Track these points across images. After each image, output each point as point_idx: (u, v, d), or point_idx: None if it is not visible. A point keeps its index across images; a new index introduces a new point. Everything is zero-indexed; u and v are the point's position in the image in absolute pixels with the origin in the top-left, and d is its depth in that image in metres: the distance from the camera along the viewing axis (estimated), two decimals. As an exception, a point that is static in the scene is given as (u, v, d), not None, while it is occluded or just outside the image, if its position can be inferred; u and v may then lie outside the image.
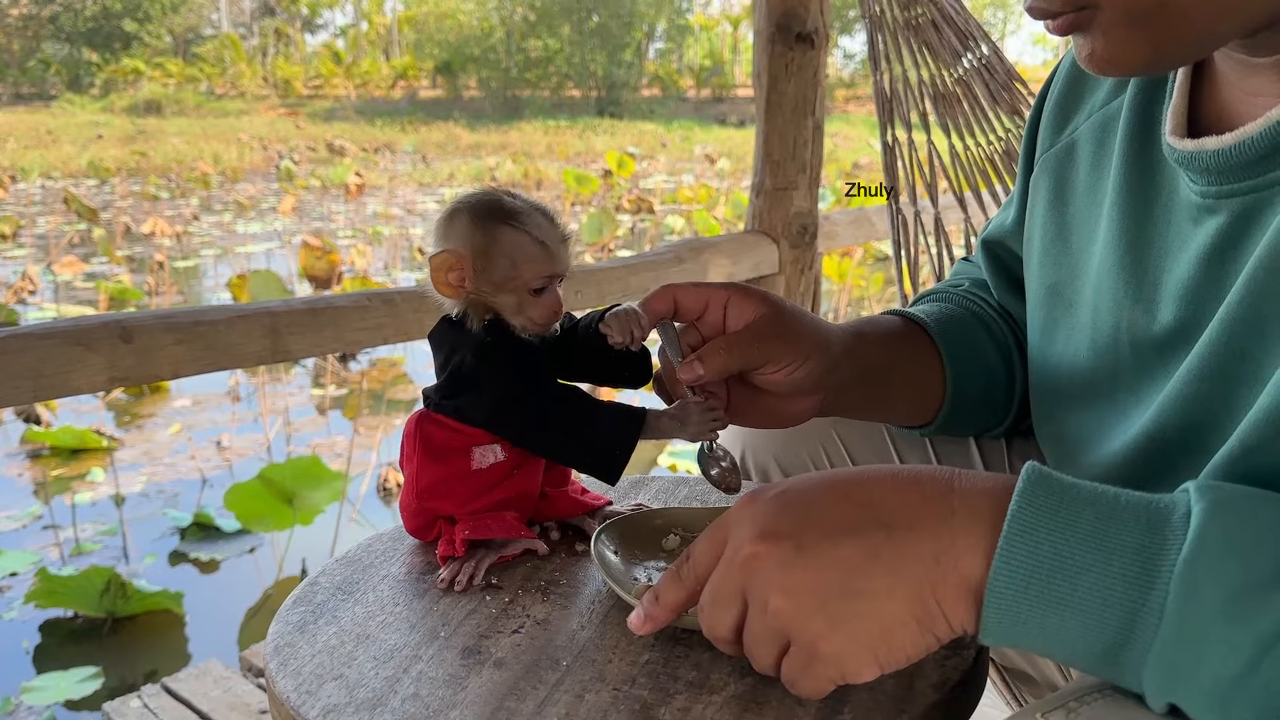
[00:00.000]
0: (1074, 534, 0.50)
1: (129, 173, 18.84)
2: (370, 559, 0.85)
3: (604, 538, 0.80)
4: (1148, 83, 0.76)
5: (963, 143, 1.96)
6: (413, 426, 0.82)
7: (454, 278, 0.77)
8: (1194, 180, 0.68)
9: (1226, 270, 0.66)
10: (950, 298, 0.96)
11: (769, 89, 2.46)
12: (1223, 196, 0.65)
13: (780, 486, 0.59)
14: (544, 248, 0.78)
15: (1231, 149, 0.64)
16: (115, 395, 5.47)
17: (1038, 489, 0.52)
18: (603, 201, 13.46)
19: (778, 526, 0.56)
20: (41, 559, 3.58)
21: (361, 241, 10.27)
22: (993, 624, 0.52)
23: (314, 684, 0.67)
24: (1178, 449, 0.67)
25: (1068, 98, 0.86)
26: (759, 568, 0.56)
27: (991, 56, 1.98)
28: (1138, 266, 0.73)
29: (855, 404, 0.87)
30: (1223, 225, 0.66)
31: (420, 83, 47.53)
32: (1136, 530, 0.50)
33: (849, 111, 33.95)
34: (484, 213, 0.78)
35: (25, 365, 1.45)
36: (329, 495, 3.81)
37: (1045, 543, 0.50)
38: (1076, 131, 0.84)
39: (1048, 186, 0.86)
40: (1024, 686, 1.07)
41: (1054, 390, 0.82)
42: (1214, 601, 0.47)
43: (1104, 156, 0.80)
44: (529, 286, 0.77)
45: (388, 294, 1.88)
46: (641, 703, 0.63)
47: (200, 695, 2.09)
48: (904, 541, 0.54)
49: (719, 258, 2.45)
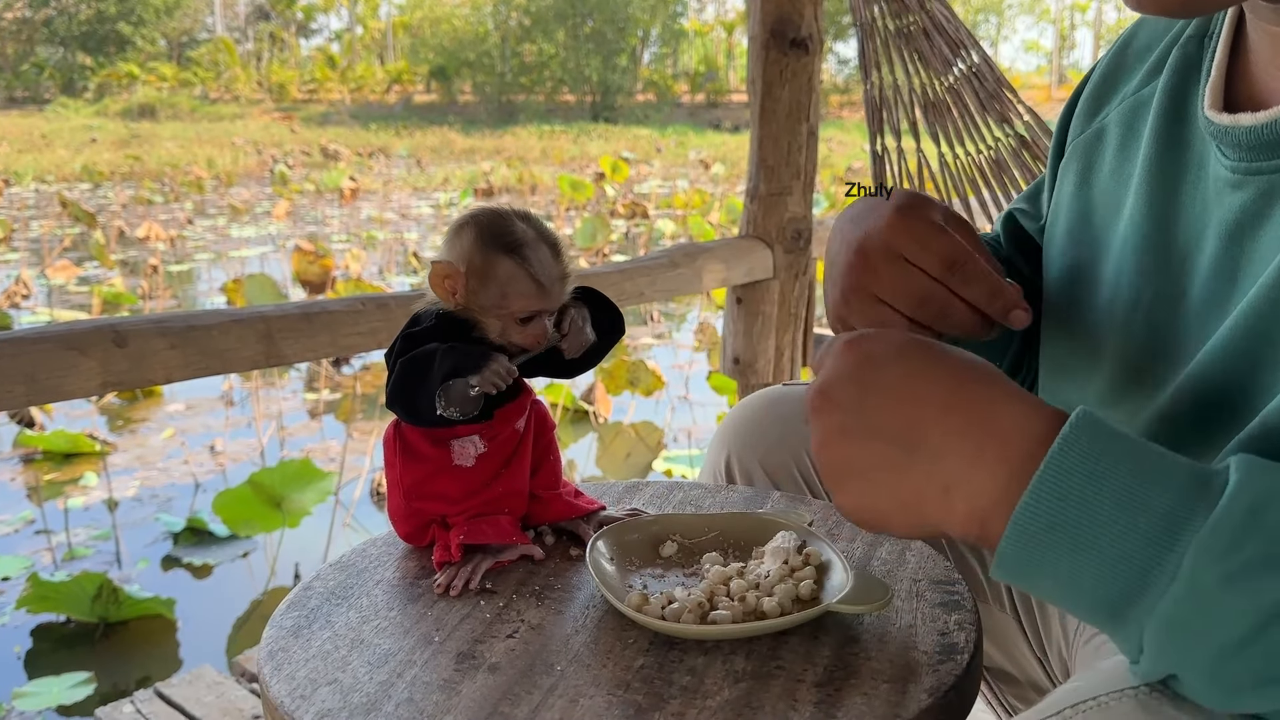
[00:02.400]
0: (1106, 487, 0.51)
1: (123, 177, 18.82)
2: (364, 564, 0.85)
3: (600, 545, 0.80)
4: (1182, 67, 0.78)
5: (952, 151, 1.97)
6: (391, 431, 0.84)
7: (449, 285, 0.79)
8: (1226, 154, 0.69)
9: (1246, 248, 0.67)
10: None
11: (763, 94, 2.46)
12: (1250, 173, 0.67)
13: (867, 347, 0.62)
14: (537, 285, 0.79)
15: (1265, 126, 0.65)
16: (108, 400, 5.45)
17: (1081, 435, 0.52)
18: (597, 207, 13.47)
19: (838, 393, 0.61)
20: (34, 564, 3.57)
21: (356, 246, 10.26)
22: (1008, 557, 0.53)
23: (308, 689, 0.67)
24: (1193, 428, 0.68)
25: (1102, 87, 0.88)
26: (811, 416, 0.62)
27: (982, 65, 1.99)
28: (1164, 242, 0.74)
29: None
30: (1246, 202, 0.67)
31: (415, 87, 47.54)
32: (1170, 494, 0.50)
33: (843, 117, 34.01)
34: (489, 236, 0.79)
35: (18, 369, 1.44)
36: (316, 496, 3.80)
37: (1076, 491, 0.51)
38: (1107, 118, 0.85)
39: (1075, 170, 0.87)
40: (1006, 687, 1.07)
41: (1070, 371, 0.83)
42: (1228, 571, 0.47)
43: (1133, 139, 0.81)
44: (515, 317, 0.79)
45: (381, 298, 1.88)
46: (636, 707, 0.63)
47: (193, 701, 2.09)
48: (920, 472, 0.57)
49: (713, 263, 2.45)
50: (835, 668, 0.67)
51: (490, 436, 0.82)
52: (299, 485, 3.77)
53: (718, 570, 0.76)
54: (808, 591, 0.73)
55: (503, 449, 0.83)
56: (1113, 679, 0.55)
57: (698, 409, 5.21)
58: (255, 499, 3.71)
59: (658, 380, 5.17)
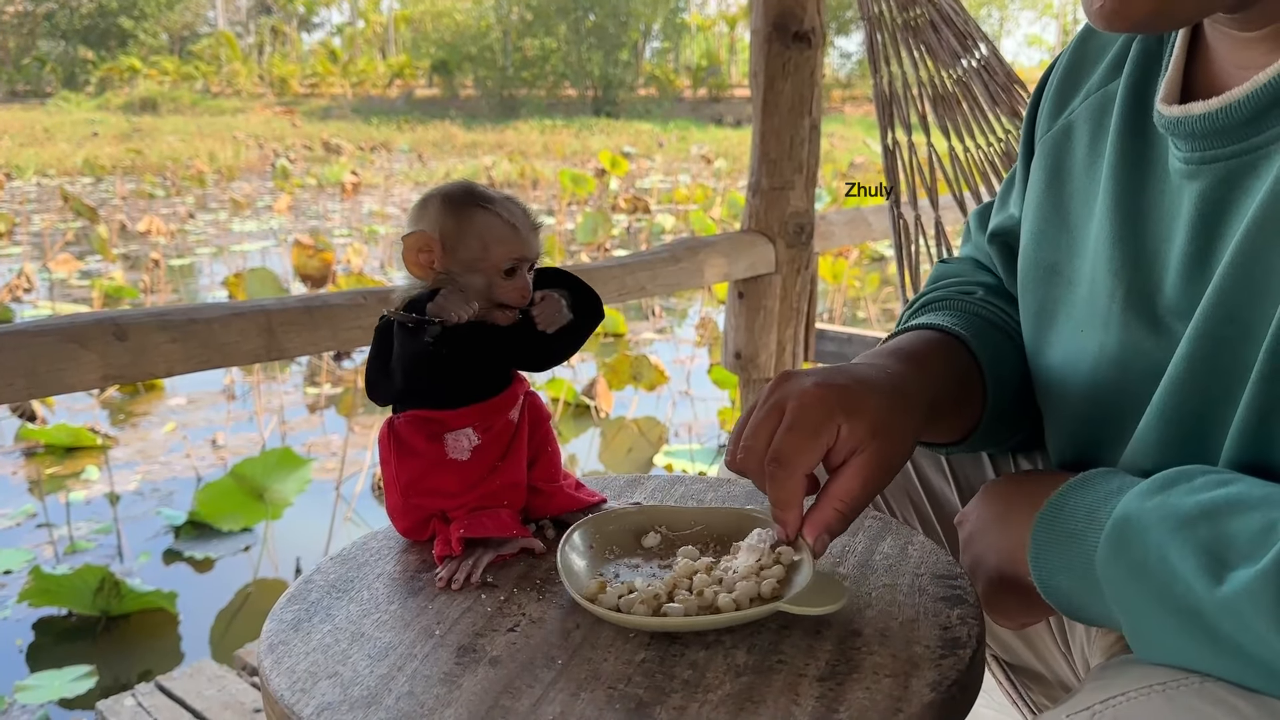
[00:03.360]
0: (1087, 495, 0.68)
1: (124, 171, 18.81)
2: (365, 557, 0.84)
3: (580, 532, 0.80)
4: (1144, 61, 0.77)
5: (962, 144, 1.96)
6: (385, 430, 0.84)
7: (424, 258, 0.80)
8: (1179, 147, 0.69)
9: (1212, 236, 0.67)
10: (967, 305, 0.92)
11: (766, 88, 2.46)
12: (1205, 162, 0.67)
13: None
14: (514, 230, 0.80)
15: (1218, 112, 0.65)
16: (110, 393, 5.46)
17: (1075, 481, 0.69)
18: (599, 202, 13.46)
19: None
20: (35, 557, 3.57)
21: (357, 240, 10.26)
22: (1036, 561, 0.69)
23: (308, 682, 0.66)
24: (1191, 423, 0.67)
25: (1066, 82, 0.87)
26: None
27: (990, 57, 1.98)
28: (1133, 239, 0.74)
29: None
30: (1205, 190, 0.67)
31: (416, 82, 47.47)
32: (1117, 478, 0.69)
33: (845, 112, 33.96)
34: (456, 197, 0.81)
35: (19, 363, 1.44)
36: (297, 486, 3.80)
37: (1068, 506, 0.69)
38: (1074, 114, 0.84)
39: (1044, 168, 0.86)
40: (1033, 685, 1.06)
41: (1057, 374, 0.82)
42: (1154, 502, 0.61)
43: (1101, 135, 0.80)
44: (498, 268, 0.79)
45: (383, 292, 1.88)
46: (637, 701, 0.63)
47: (194, 694, 2.09)
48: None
49: (715, 257, 2.45)
50: (837, 661, 0.66)
51: (484, 428, 0.82)
52: (280, 474, 3.77)
53: (686, 564, 0.76)
54: (769, 590, 0.72)
55: (498, 441, 0.82)
56: (1140, 675, 0.55)
57: (699, 404, 5.20)
58: (239, 491, 3.71)
59: (660, 375, 5.17)
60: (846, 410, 0.70)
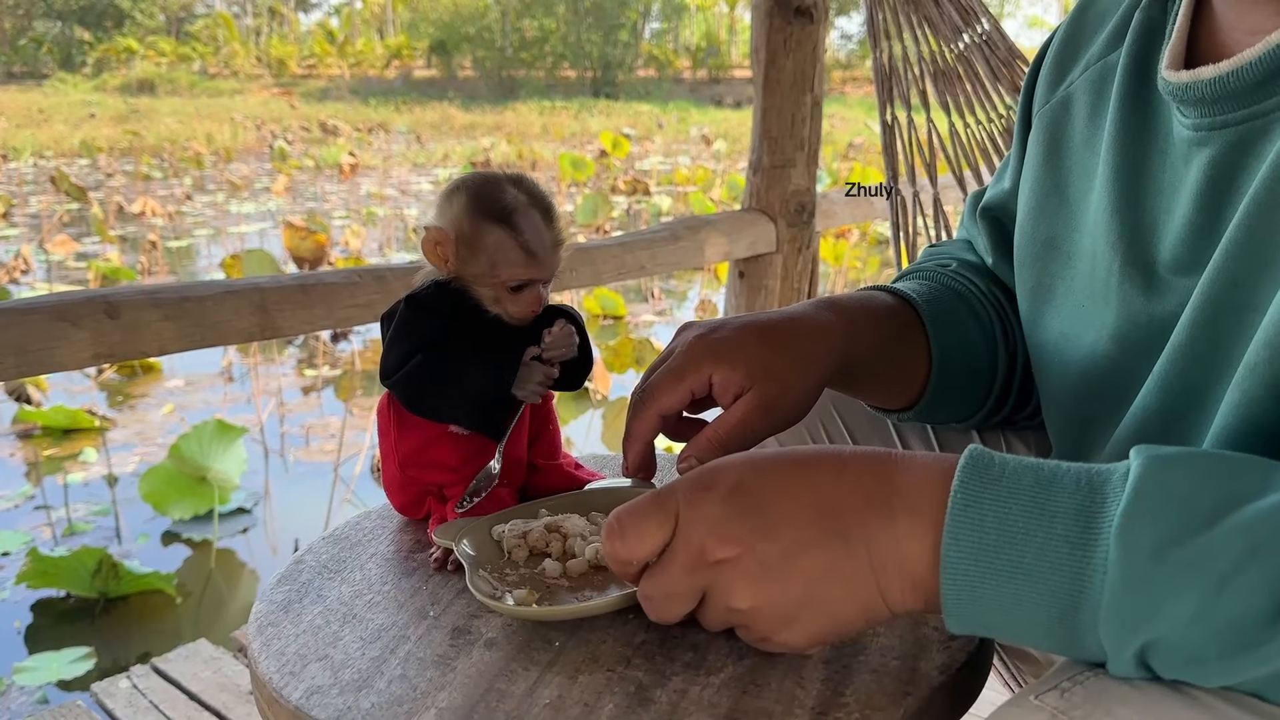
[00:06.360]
0: (1016, 502, 0.51)
1: (121, 152, 18.75)
2: (358, 537, 0.83)
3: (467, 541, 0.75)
4: (1146, 31, 0.76)
5: (963, 121, 1.93)
6: (385, 400, 0.81)
7: (441, 252, 0.77)
8: (1185, 114, 0.68)
9: (1221, 204, 0.65)
10: (936, 276, 0.92)
11: (767, 64, 2.42)
12: (1215, 128, 0.65)
13: (728, 482, 0.59)
14: (528, 255, 0.76)
15: (1229, 75, 0.63)
16: (107, 375, 5.44)
17: (978, 464, 0.53)
18: (598, 183, 13.42)
19: (736, 534, 0.57)
20: (33, 539, 3.57)
21: (355, 222, 10.23)
22: (952, 603, 0.52)
23: (298, 665, 0.65)
24: (1191, 395, 0.65)
25: (1064, 54, 0.85)
26: (720, 577, 0.58)
27: (993, 32, 1.95)
28: (1135, 209, 0.72)
29: (836, 386, 0.84)
30: (1215, 157, 0.65)
31: (415, 62, 47.29)
32: (1077, 493, 0.50)
33: (846, 93, 33.85)
34: (479, 203, 0.76)
35: (8, 341, 1.42)
36: (237, 465, 3.77)
37: (990, 513, 0.51)
38: (1072, 85, 0.83)
39: (1042, 141, 0.84)
40: (1025, 667, 1.05)
41: (1054, 350, 0.80)
42: (1157, 548, 0.47)
43: (1101, 106, 0.79)
44: (505, 286, 0.77)
45: (379, 270, 1.85)
46: (637, 684, 0.61)
47: (190, 676, 2.08)
48: (857, 552, 0.56)
49: (715, 236, 2.42)
50: (843, 644, 0.65)
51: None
52: (217, 450, 3.71)
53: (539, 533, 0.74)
54: (593, 553, 0.71)
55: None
56: None
57: (699, 386, 5.19)
58: (180, 476, 3.67)
59: (660, 357, 5.15)
60: (719, 358, 0.74)
